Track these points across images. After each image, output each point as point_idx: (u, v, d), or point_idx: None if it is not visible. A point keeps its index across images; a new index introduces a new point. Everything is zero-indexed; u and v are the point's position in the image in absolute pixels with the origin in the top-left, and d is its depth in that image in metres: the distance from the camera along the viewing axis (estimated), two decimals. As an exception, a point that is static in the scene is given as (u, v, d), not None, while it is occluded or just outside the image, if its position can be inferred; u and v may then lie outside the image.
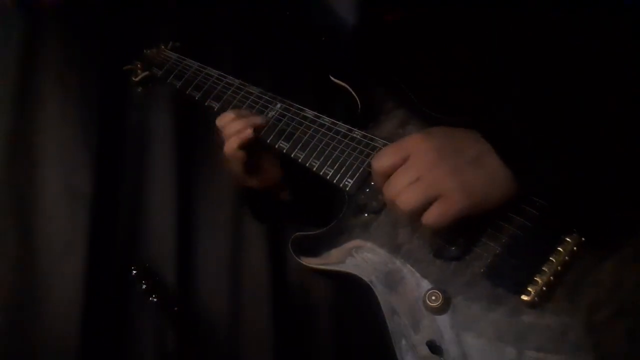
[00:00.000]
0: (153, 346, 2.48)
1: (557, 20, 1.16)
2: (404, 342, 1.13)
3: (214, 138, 1.58)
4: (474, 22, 1.28)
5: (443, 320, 1.10)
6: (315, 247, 1.36)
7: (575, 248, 1.02)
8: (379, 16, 1.52)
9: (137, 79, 1.89)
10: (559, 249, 1.03)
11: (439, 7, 1.37)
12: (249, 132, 1.47)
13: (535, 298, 1.01)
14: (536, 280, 1.02)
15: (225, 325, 2.63)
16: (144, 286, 2.41)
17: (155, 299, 2.40)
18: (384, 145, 1.29)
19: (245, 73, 1.72)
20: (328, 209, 1.58)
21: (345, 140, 1.36)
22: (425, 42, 1.41)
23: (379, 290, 1.21)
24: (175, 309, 2.45)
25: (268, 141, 1.49)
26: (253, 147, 1.51)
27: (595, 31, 1.15)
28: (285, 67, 2.63)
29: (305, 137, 1.44)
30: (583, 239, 1.02)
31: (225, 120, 1.52)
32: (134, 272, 2.43)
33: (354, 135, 1.36)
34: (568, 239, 1.03)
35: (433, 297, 1.11)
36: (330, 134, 1.40)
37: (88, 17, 2.64)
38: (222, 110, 1.58)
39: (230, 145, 1.47)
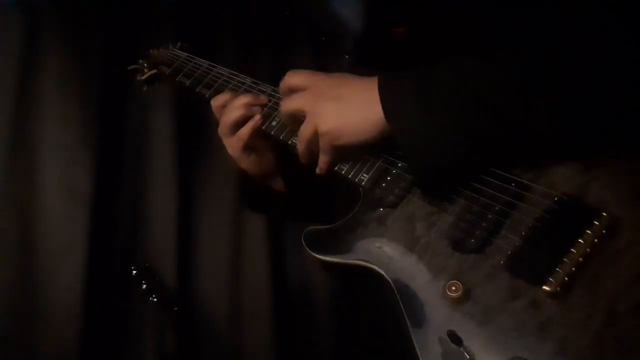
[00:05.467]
0: (153, 346, 2.47)
1: (570, 31, 1.17)
2: (423, 332, 1.13)
3: (215, 137, 1.59)
4: (481, 35, 1.29)
5: (463, 310, 1.11)
6: (330, 241, 1.35)
7: (596, 240, 1.04)
8: (387, 29, 1.54)
9: (143, 78, 1.88)
10: (580, 240, 1.05)
11: (446, 21, 1.38)
12: (258, 119, 1.51)
13: (557, 288, 1.03)
14: (557, 271, 1.04)
15: (225, 325, 2.63)
16: (144, 286, 2.40)
17: (155, 299, 2.39)
18: None
19: (247, 72, 1.72)
20: (324, 207, 1.59)
21: None
22: (433, 55, 1.42)
23: (397, 283, 1.21)
24: (175, 309, 2.44)
25: (281, 137, 1.49)
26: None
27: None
28: (290, 66, 2.64)
29: None
30: (604, 231, 1.04)
31: (224, 100, 1.56)
32: (134, 272, 2.41)
33: None
34: (589, 231, 1.05)
35: (453, 288, 1.12)
36: None
37: (88, 17, 2.64)
38: None
39: (245, 130, 1.51)
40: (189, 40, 2.28)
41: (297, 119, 1.39)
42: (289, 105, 1.40)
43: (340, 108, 1.28)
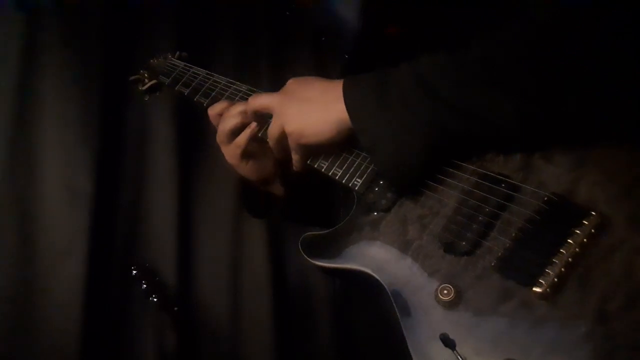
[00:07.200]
0: (153, 346, 2.48)
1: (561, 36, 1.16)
2: (416, 336, 1.13)
3: (214, 139, 1.59)
4: (477, 35, 1.29)
5: (455, 313, 1.11)
6: (326, 246, 1.36)
7: (585, 240, 1.03)
8: (380, 29, 1.54)
9: (144, 88, 1.92)
10: (570, 241, 1.04)
11: (442, 21, 1.38)
12: (254, 126, 1.50)
13: (547, 289, 1.02)
14: (547, 272, 1.03)
15: (225, 325, 2.64)
16: (144, 286, 2.42)
17: (155, 299, 2.40)
18: None
19: (248, 76, 1.73)
20: (323, 211, 1.60)
21: (352, 141, 1.37)
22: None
23: (390, 287, 1.21)
24: (175, 309, 2.45)
25: None
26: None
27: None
28: (290, 67, 2.64)
29: None
30: (593, 230, 1.04)
31: (220, 108, 1.56)
32: (134, 272, 2.43)
33: None
34: (578, 231, 1.04)
35: (445, 292, 1.12)
36: None
37: (88, 18, 2.64)
38: None
39: (242, 138, 1.51)
40: (189, 39, 2.28)
41: (264, 116, 1.45)
42: (256, 100, 1.45)
43: (304, 109, 1.33)
